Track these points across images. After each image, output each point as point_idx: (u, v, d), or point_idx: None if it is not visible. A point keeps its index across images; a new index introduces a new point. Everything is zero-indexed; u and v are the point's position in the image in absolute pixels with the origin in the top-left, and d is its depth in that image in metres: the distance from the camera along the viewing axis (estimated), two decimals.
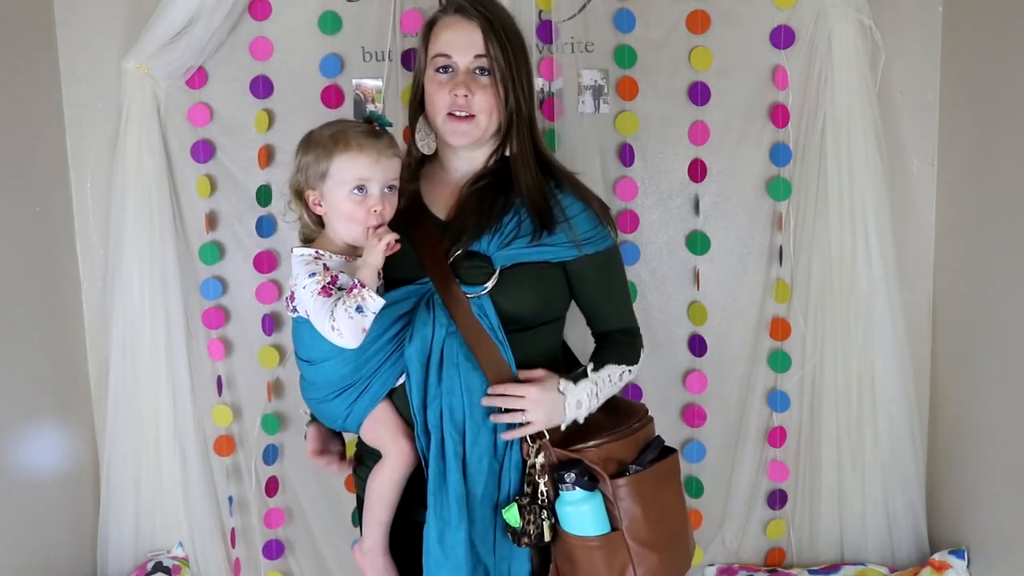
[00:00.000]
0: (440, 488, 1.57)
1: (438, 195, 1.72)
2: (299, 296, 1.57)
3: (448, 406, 1.58)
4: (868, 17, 2.28)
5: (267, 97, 2.41)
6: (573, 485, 1.54)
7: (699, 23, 2.36)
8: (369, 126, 1.61)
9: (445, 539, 1.57)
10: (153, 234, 2.36)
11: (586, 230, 1.67)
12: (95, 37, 2.41)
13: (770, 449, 2.51)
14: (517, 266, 1.63)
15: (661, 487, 1.62)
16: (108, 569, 2.46)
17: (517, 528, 1.56)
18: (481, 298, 1.60)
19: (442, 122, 1.65)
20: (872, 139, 2.31)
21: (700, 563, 2.56)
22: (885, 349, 2.37)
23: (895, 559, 2.45)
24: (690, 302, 2.49)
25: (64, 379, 2.43)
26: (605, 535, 1.56)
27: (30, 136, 2.31)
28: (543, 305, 1.67)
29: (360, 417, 1.65)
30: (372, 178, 1.58)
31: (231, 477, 2.52)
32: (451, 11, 1.66)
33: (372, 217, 1.58)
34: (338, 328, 1.51)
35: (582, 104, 2.39)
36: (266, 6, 2.38)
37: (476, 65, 1.64)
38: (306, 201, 1.64)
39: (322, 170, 1.59)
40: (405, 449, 1.63)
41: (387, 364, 1.62)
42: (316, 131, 1.64)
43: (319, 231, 1.67)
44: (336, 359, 1.60)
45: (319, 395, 1.68)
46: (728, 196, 2.46)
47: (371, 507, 1.66)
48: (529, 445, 1.59)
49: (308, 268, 1.57)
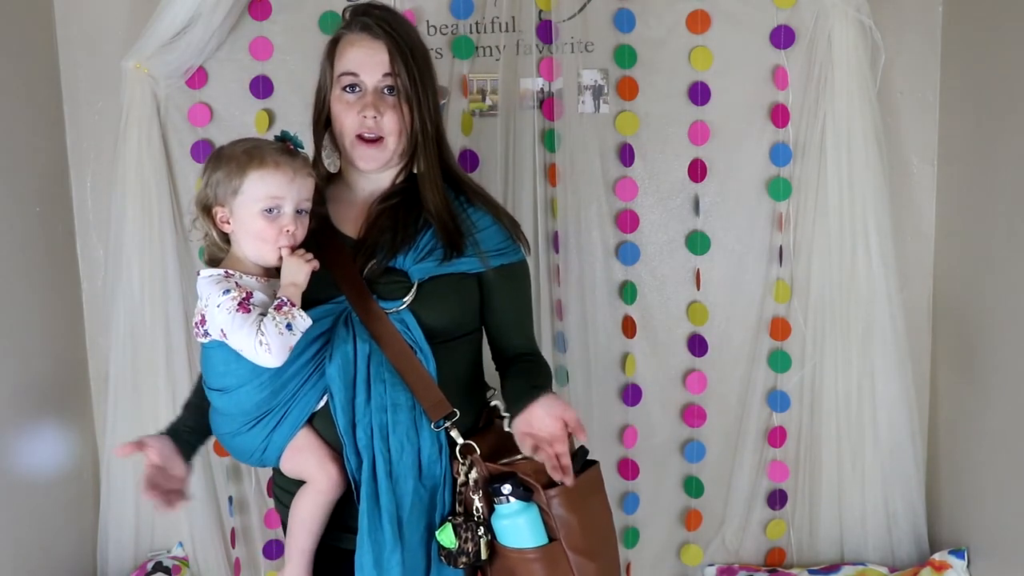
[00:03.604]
0: (373, 510, 1.52)
1: (345, 215, 1.67)
2: (212, 317, 1.48)
3: (379, 423, 1.53)
4: (868, 17, 2.28)
5: (267, 97, 2.41)
6: (508, 497, 1.51)
7: (699, 23, 2.37)
8: (283, 144, 1.56)
9: (381, 563, 1.51)
10: (153, 234, 2.36)
11: (495, 243, 1.64)
12: (95, 37, 2.41)
13: (770, 449, 2.51)
14: (434, 279, 1.59)
15: (590, 495, 1.58)
16: (108, 569, 2.46)
17: (453, 548, 1.52)
18: (400, 312, 1.56)
19: (350, 145, 1.62)
20: (872, 139, 2.31)
21: (700, 563, 2.56)
22: (885, 349, 2.37)
23: (895, 559, 2.45)
24: (690, 302, 2.49)
25: (64, 379, 2.44)
26: (544, 546, 1.52)
27: (30, 136, 2.31)
28: (462, 316, 1.64)
29: (279, 448, 1.56)
30: (286, 197, 1.51)
31: (231, 477, 2.52)
32: (356, 28, 1.61)
33: (283, 237, 1.51)
34: (267, 343, 1.44)
35: (582, 104, 2.39)
36: (266, 6, 2.38)
37: (384, 84, 1.60)
38: (213, 219, 1.55)
39: (234, 186, 1.51)
40: (333, 474, 1.55)
41: (306, 387, 1.55)
42: (228, 146, 1.57)
43: (226, 250, 1.58)
44: (251, 383, 1.52)
45: (232, 427, 1.57)
46: (728, 196, 2.46)
47: (294, 535, 1.57)
48: (460, 462, 1.55)
49: (220, 286, 1.49)
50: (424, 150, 1.63)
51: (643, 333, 2.47)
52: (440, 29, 2.39)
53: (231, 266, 1.55)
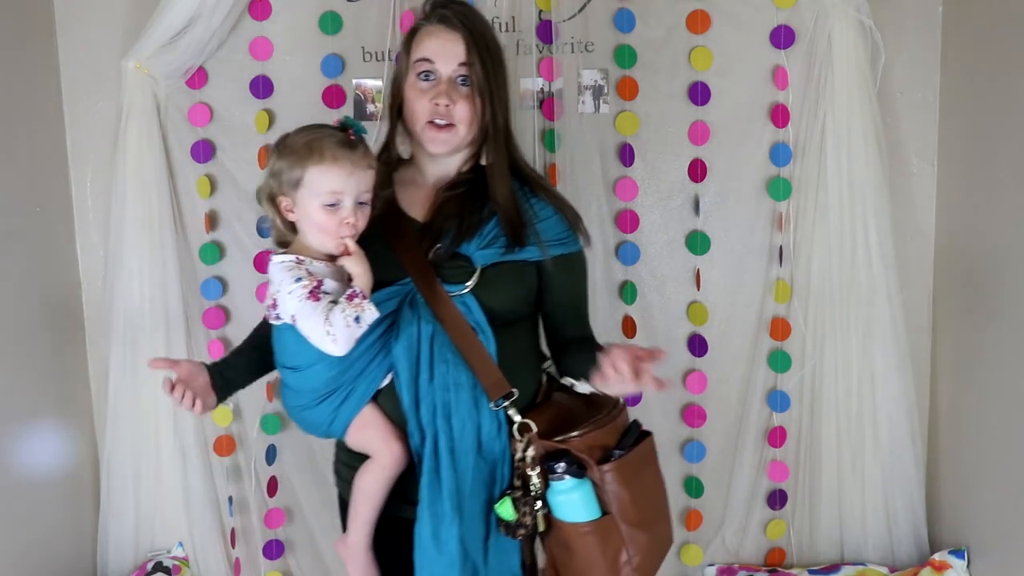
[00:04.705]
0: (434, 484, 1.59)
1: (413, 199, 1.74)
2: (283, 302, 1.55)
3: (441, 401, 1.60)
4: (868, 17, 2.28)
5: (267, 97, 2.41)
6: (564, 474, 1.57)
7: (699, 23, 2.37)
8: (344, 134, 1.59)
9: (439, 535, 1.58)
10: (153, 234, 2.36)
11: (555, 233, 1.71)
12: (95, 37, 2.41)
13: (770, 449, 2.51)
14: (496, 265, 1.66)
15: (643, 468, 1.66)
16: (108, 569, 2.46)
17: (512, 521, 1.59)
18: (463, 296, 1.63)
19: (421, 129, 1.67)
20: (872, 139, 2.31)
21: (700, 563, 2.56)
22: (885, 349, 2.37)
23: (895, 559, 2.45)
24: (690, 302, 2.49)
25: (64, 379, 2.44)
26: (597, 520, 1.60)
27: (30, 136, 2.31)
28: (522, 301, 1.70)
29: (346, 422, 1.64)
30: (345, 191, 1.55)
31: (231, 477, 2.52)
32: (435, 20, 1.68)
33: (344, 228, 1.56)
34: (333, 334, 1.50)
35: (582, 104, 2.39)
36: (266, 6, 2.38)
37: (458, 74, 1.66)
38: (278, 207, 1.61)
39: (295, 178, 1.56)
40: (396, 451, 1.63)
41: (373, 365, 1.62)
42: (291, 136, 1.61)
43: (291, 236, 1.64)
44: (322, 362, 1.59)
45: (302, 402, 1.66)
46: (728, 196, 2.46)
47: (357, 506, 1.66)
48: (518, 439, 1.62)
49: (292, 273, 1.54)
50: (494, 142, 1.70)
51: (643, 333, 2.47)
52: None
53: (300, 251, 1.60)
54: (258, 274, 2.45)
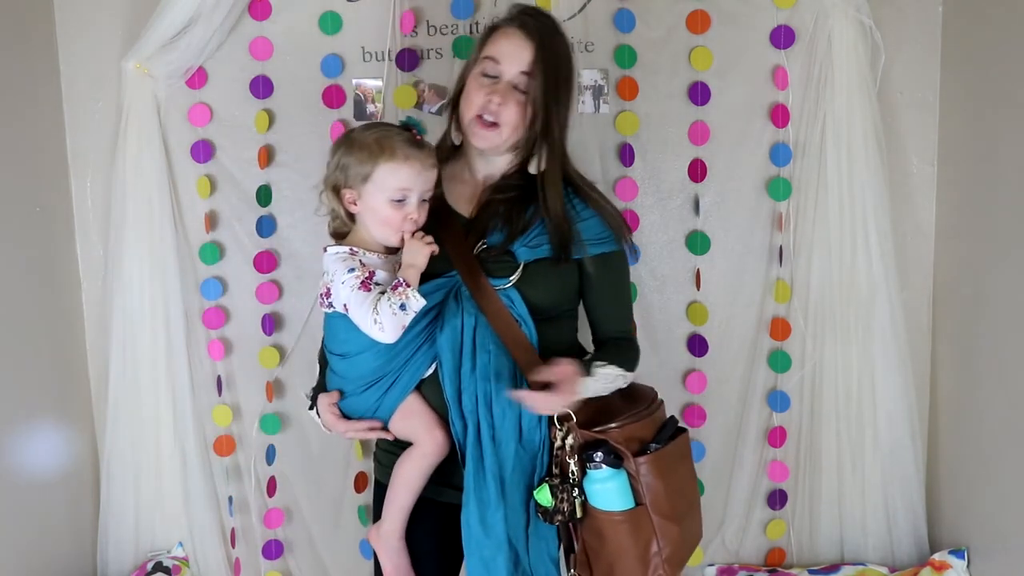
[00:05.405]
0: (479, 471, 1.65)
1: (459, 194, 1.81)
2: (336, 291, 1.63)
3: (483, 391, 1.65)
4: (868, 17, 2.28)
5: (267, 97, 2.41)
6: (601, 463, 1.62)
7: (699, 23, 2.36)
8: (410, 134, 1.67)
9: (487, 520, 1.64)
10: (153, 234, 2.36)
11: (594, 233, 1.76)
12: (95, 37, 2.41)
13: (770, 449, 2.51)
14: (538, 260, 1.72)
15: (678, 463, 1.72)
16: (108, 569, 2.46)
17: (550, 507, 1.64)
18: (507, 289, 1.69)
19: (469, 121, 1.74)
20: (872, 139, 2.31)
21: (700, 563, 2.56)
22: (885, 349, 2.37)
23: (895, 559, 2.45)
24: (690, 302, 2.49)
25: (64, 379, 2.44)
26: (631, 510, 1.65)
27: (30, 136, 2.31)
28: (563, 296, 1.77)
29: (390, 409, 1.71)
30: (413, 188, 1.65)
31: (231, 477, 2.52)
32: (515, 24, 1.74)
33: (407, 223, 1.66)
34: (380, 322, 1.58)
35: (582, 104, 2.39)
36: (266, 6, 2.38)
37: (519, 80, 1.72)
38: (341, 199, 1.69)
39: (364, 173, 1.64)
40: (439, 439, 1.70)
41: (417, 355, 1.69)
42: (358, 132, 1.69)
43: (350, 226, 1.73)
44: (370, 352, 1.67)
45: (349, 388, 1.74)
46: (728, 196, 2.46)
47: (396, 492, 1.72)
48: (557, 428, 1.66)
49: (346, 264, 1.64)
50: (551, 153, 1.75)
51: (643, 333, 2.47)
52: (440, 29, 2.39)
53: (355, 243, 1.70)
54: (258, 274, 2.45)
